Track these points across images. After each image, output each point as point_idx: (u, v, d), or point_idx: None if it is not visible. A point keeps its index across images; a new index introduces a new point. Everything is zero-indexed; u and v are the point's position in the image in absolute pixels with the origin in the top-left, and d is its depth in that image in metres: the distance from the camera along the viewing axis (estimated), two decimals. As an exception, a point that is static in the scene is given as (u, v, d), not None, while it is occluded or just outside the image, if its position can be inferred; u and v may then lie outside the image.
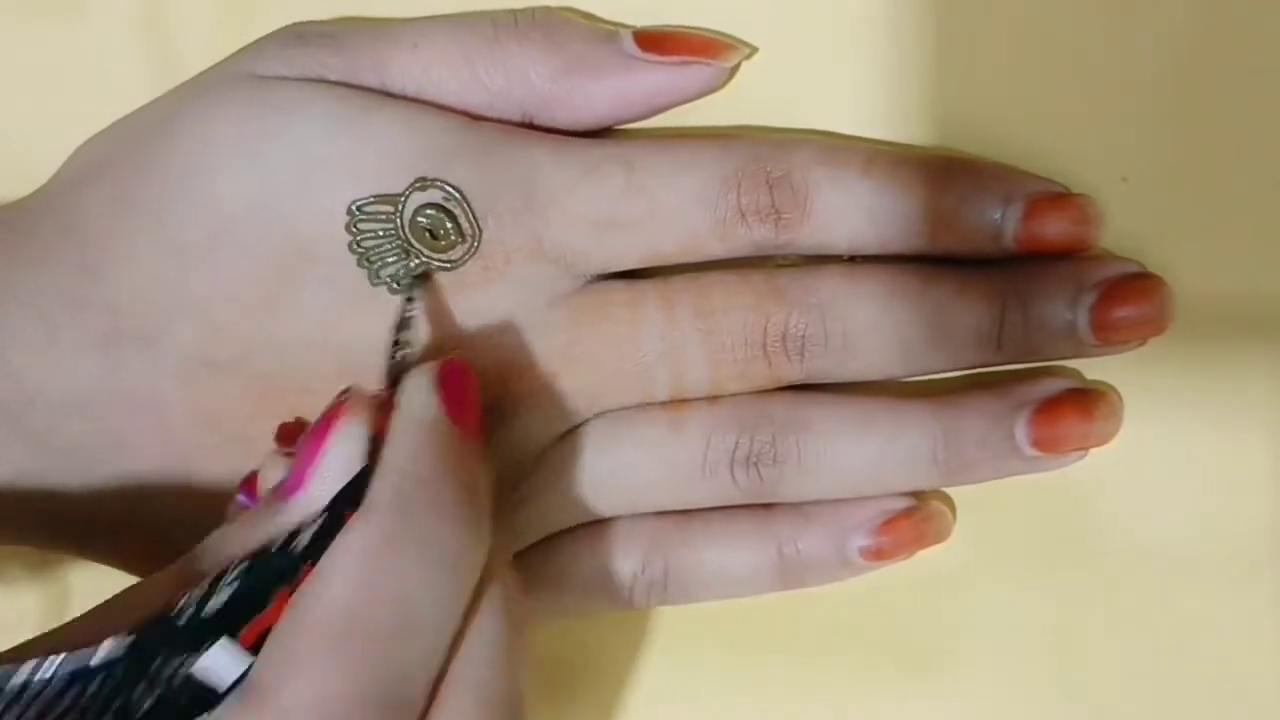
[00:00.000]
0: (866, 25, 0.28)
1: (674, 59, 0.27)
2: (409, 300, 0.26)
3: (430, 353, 0.27)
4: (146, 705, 0.21)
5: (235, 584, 0.22)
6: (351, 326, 0.27)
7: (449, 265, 0.27)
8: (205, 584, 0.22)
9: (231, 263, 0.27)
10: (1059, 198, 0.27)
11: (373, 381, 0.26)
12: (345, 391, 0.24)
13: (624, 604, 0.30)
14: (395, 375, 0.25)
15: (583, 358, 0.28)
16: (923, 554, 0.29)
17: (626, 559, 0.29)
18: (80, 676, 0.21)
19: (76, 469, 0.27)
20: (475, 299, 0.27)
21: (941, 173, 0.27)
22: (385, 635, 0.21)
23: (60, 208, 0.27)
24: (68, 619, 0.31)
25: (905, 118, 0.28)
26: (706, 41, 0.28)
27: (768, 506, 0.29)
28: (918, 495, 0.29)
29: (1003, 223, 0.27)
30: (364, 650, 0.21)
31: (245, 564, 0.22)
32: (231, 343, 0.27)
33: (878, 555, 0.29)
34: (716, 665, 0.32)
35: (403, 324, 0.26)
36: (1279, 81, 0.27)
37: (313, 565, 0.22)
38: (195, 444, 0.27)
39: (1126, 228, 0.28)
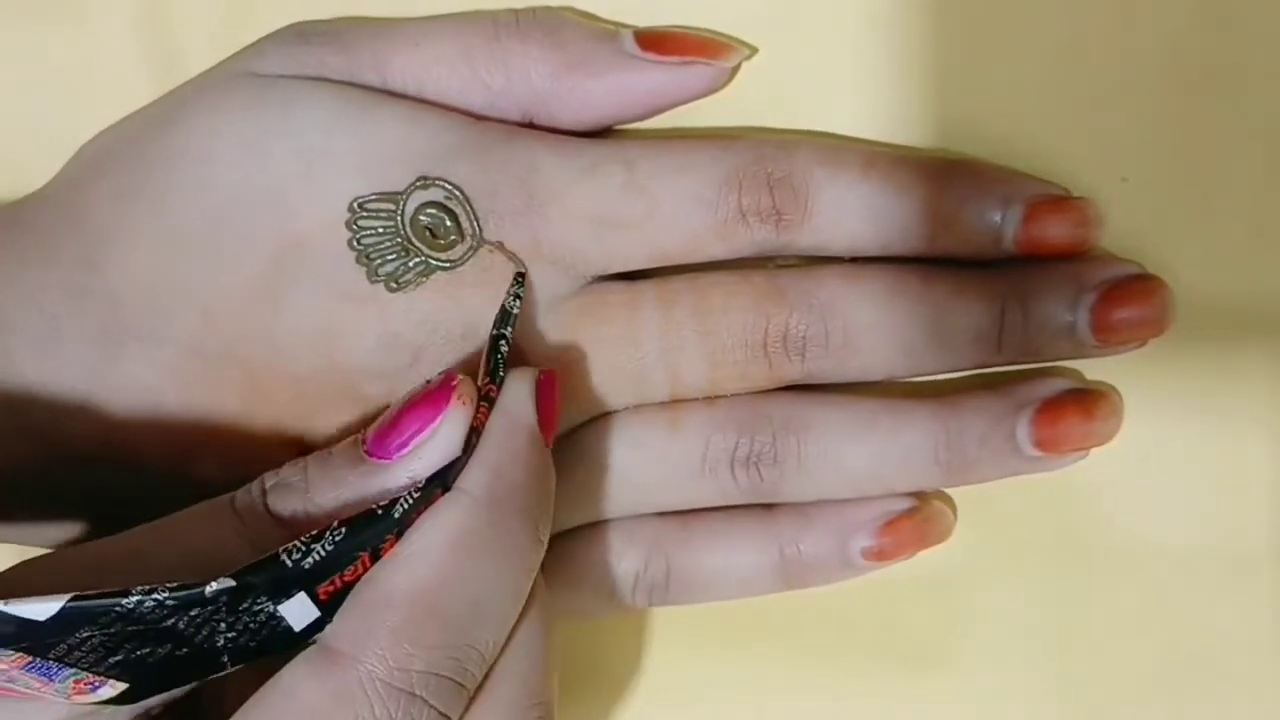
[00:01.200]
0: (867, 26, 0.28)
1: (675, 59, 0.27)
2: (515, 297, 0.27)
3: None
4: (228, 636, 0.23)
5: (334, 545, 0.23)
6: (346, 323, 0.27)
7: (448, 265, 0.27)
8: (309, 537, 0.23)
9: (230, 255, 0.27)
10: (1059, 200, 0.27)
11: (366, 387, 0.26)
12: (451, 372, 0.25)
13: (625, 605, 0.30)
14: (494, 370, 0.25)
15: (581, 359, 0.28)
16: (923, 554, 0.29)
17: (627, 560, 0.29)
18: (186, 603, 0.22)
19: (75, 463, 0.27)
20: (474, 299, 0.27)
21: (942, 174, 0.27)
22: (460, 621, 0.23)
23: (63, 203, 0.28)
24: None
25: (905, 118, 0.28)
26: (707, 41, 0.28)
27: (769, 507, 0.29)
28: (919, 495, 0.29)
29: (1003, 225, 0.27)
30: (440, 632, 0.23)
31: (343, 528, 0.23)
32: (227, 335, 0.27)
33: (879, 556, 0.29)
34: (716, 665, 0.32)
35: (505, 318, 0.26)
36: (1277, 81, 0.27)
37: (397, 536, 0.23)
38: (191, 437, 0.27)
39: (1126, 228, 0.28)
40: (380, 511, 0.23)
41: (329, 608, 0.23)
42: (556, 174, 0.27)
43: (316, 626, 0.23)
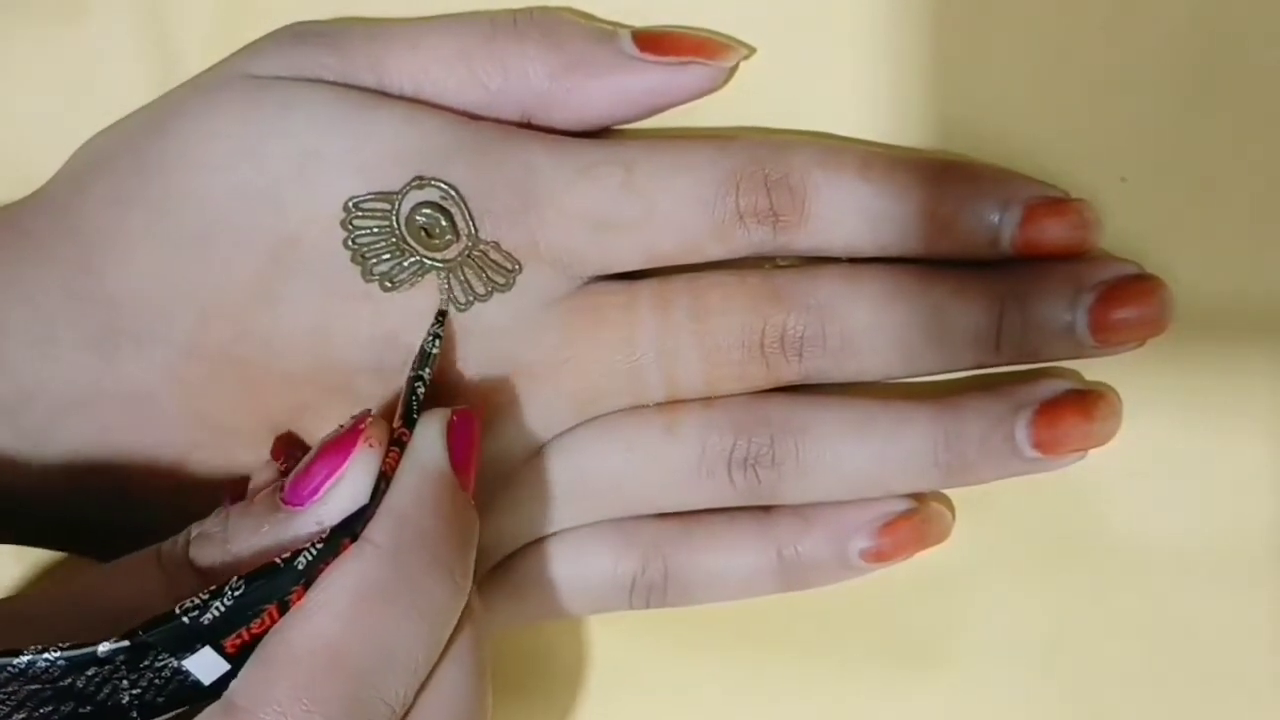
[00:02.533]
0: (865, 26, 0.28)
1: (672, 59, 0.27)
2: (434, 338, 0.27)
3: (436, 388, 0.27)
4: (132, 693, 0.22)
5: (230, 600, 0.22)
6: (339, 322, 0.27)
7: (442, 264, 0.27)
8: (207, 593, 0.22)
9: (226, 256, 0.27)
10: (1057, 203, 0.27)
11: (360, 384, 0.26)
12: (365, 414, 0.25)
13: (622, 606, 0.30)
14: (408, 412, 0.25)
15: (577, 359, 0.28)
16: (922, 554, 0.29)
17: (625, 563, 0.29)
18: (79, 664, 0.22)
19: (71, 466, 0.27)
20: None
21: (939, 177, 0.27)
22: (362, 676, 0.23)
23: (60, 206, 0.28)
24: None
25: (904, 119, 0.28)
26: (705, 42, 0.28)
27: (767, 509, 0.29)
28: (917, 496, 0.29)
29: (1000, 227, 0.27)
30: (340, 688, 0.22)
31: (244, 582, 0.23)
32: (223, 335, 0.27)
33: (878, 557, 0.29)
34: (716, 664, 0.32)
35: (423, 360, 0.26)
36: (1277, 81, 0.27)
37: (305, 587, 0.23)
38: (186, 439, 0.27)
39: (1125, 228, 0.28)
40: (281, 564, 0.23)
41: (238, 660, 0.23)
42: (554, 174, 0.27)
43: (227, 678, 0.23)
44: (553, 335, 0.27)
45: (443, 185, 0.27)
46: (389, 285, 0.27)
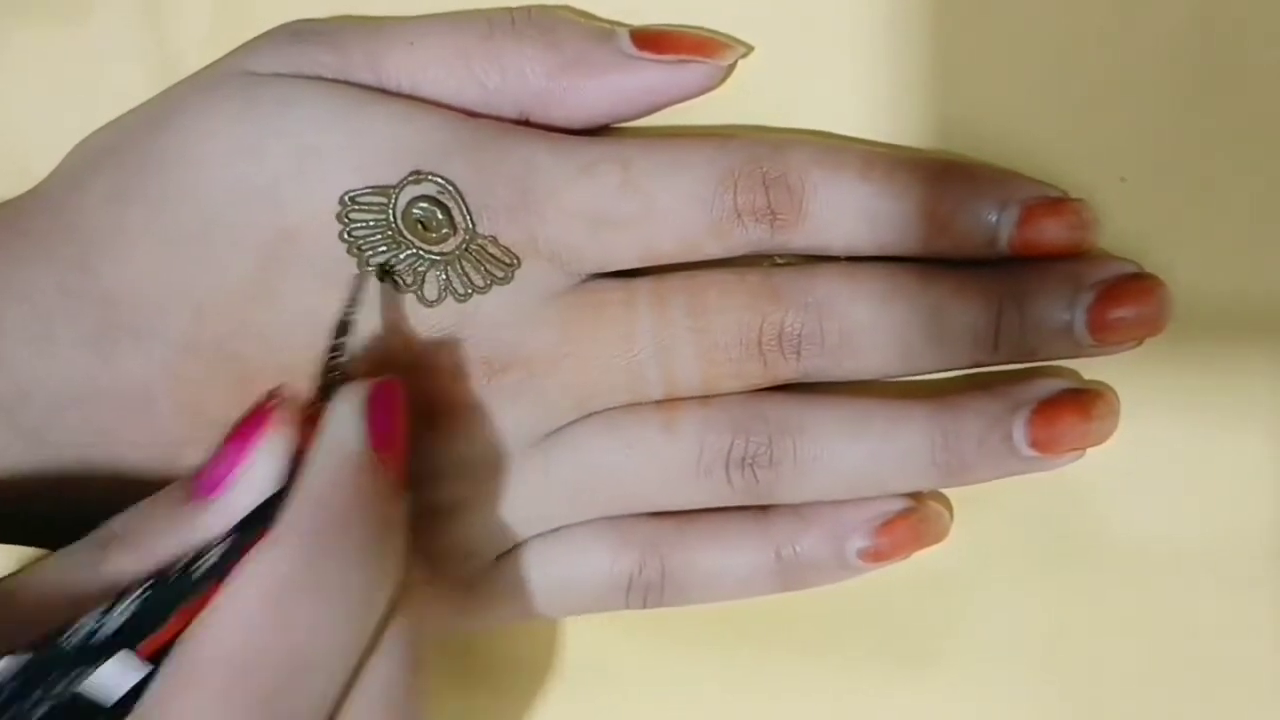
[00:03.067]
0: (863, 25, 0.28)
1: (670, 58, 0.27)
2: (350, 304, 0.26)
3: (372, 363, 0.27)
4: (38, 715, 0.21)
5: (135, 605, 0.21)
6: (334, 311, 0.27)
7: (439, 258, 0.27)
8: (104, 606, 0.21)
9: (224, 252, 0.27)
10: (1055, 203, 0.27)
11: (355, 372, 0.26)
12: (274, 392, 0.24)
13: (619, 606, 0.30)
14: (328, 385, 0.24)
15: (574, 356, 0.28)
16: (920, 553, 0.29)
17: (622, 561, 0.29)
18: None
19: (69, 463, 0.27)
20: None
21: (938, 176, 0.27)
22: (276, 682, 0.21)
23: (57, 203, 0.28)
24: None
25: (902, 118, 0.28)
26: (703, 40, 0.28)
27: (764, 508, 0.29)
28: (915, 496, 0.29)
29: (998, 227, 0.27)
30: (252, 698, 0.21)
31: (148, 587, 0.21)
32: (220, 330, 0.27)
33: (876, 556, 0.29)
34: (716, 663, 0.32)
35: (341, 328, 0.25)
36: (1277, 81, 0.27)
37: (218, 583, 0.22)
38: (182, 435, 0.27)
39: (1124, 227, 0.28)
40: (187, 565, 0.22)
41: (156, 664, 0.21)
42: (552, 171, 0.27)
43: (143, 685, 0.21)
44: (552, 330, 0.27)
45: (439, 180, 0.27)
46: (385, 276, 0.27)
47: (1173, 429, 0.28)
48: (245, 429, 0.23)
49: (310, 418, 0.23)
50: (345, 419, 0.23)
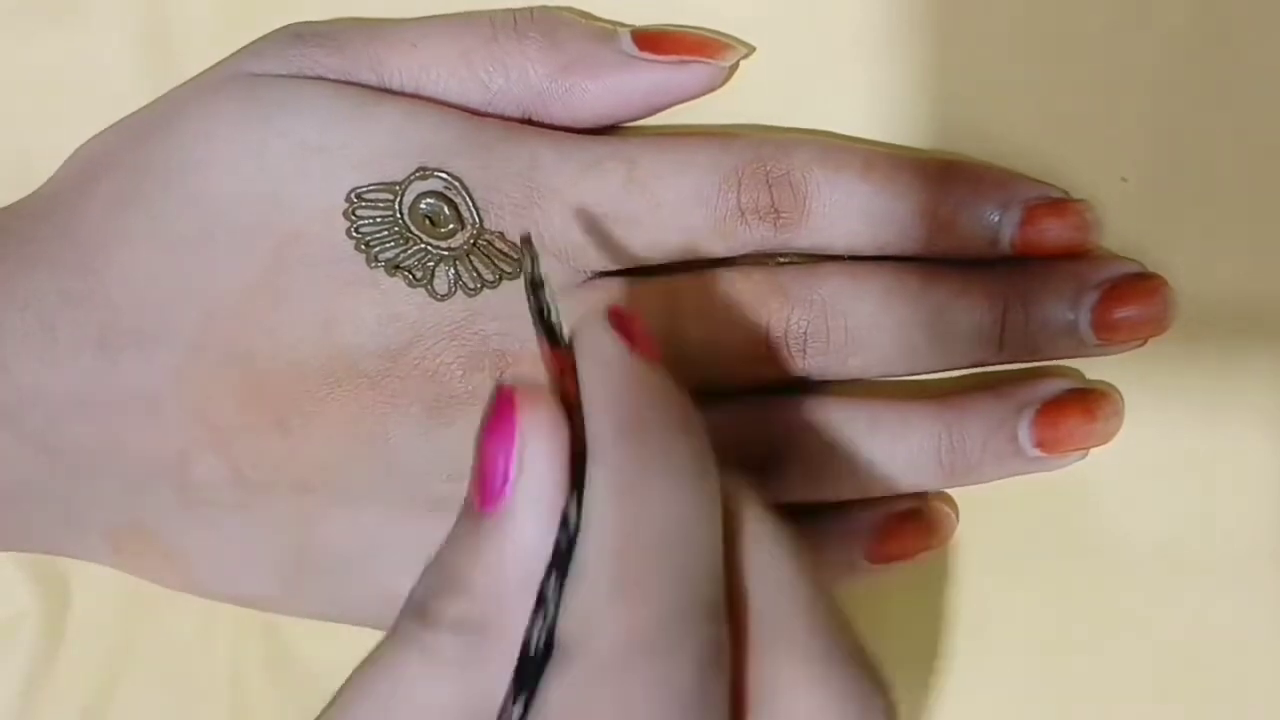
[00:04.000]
0: (865, 25, 0.28)
1: (672, 58, 0.28)
2: (533, 260, 0.24)
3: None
4: None
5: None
6: (345, 306, 0.27)
7: (448, 253, 0.27)
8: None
9: (229, 254, 0.27)
10: (1057, 203, 0.27)
11: (368, 365, 0.26)
12: (498, 387, 0.22)
13: None
14: (552, 330, 0.23)
15: None
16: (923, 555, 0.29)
17: None
18: None
19: (74, 468, 0.27)
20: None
21: (940, 176, 0.27)
22: (657, 558, 0.20)
23: (59, 209, 0.28)
24: (68, 618, 0.31)
25: (904, 118, 0.28)
26: (704, 41, 0.28)
27: None
28: (920, 497, 0.29)
29: (1000, 228, 0.27)
30: (645, 577, 0.20)
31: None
32: (227, 332, 0.27)
33: (884, 559, 0.29)
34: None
35: (536, 286, 0.23)
36: (1277, 81, 0.27)
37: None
38: (189, 438, 0.27)
39: (1125, 227, 0.28)
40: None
41: None
42: (557, 170, 0.27)
43: None
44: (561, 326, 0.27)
45: (446, 176, 0.27)
46: (394, 271, 0.27)
47: (1174, 429, 0.28)
48: (494, 416, 0.21)
49: (562, 367, 0.22)
50: (598, 336, 0.22)
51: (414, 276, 0.27)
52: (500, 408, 0.21)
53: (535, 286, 0.23)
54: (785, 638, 0.21)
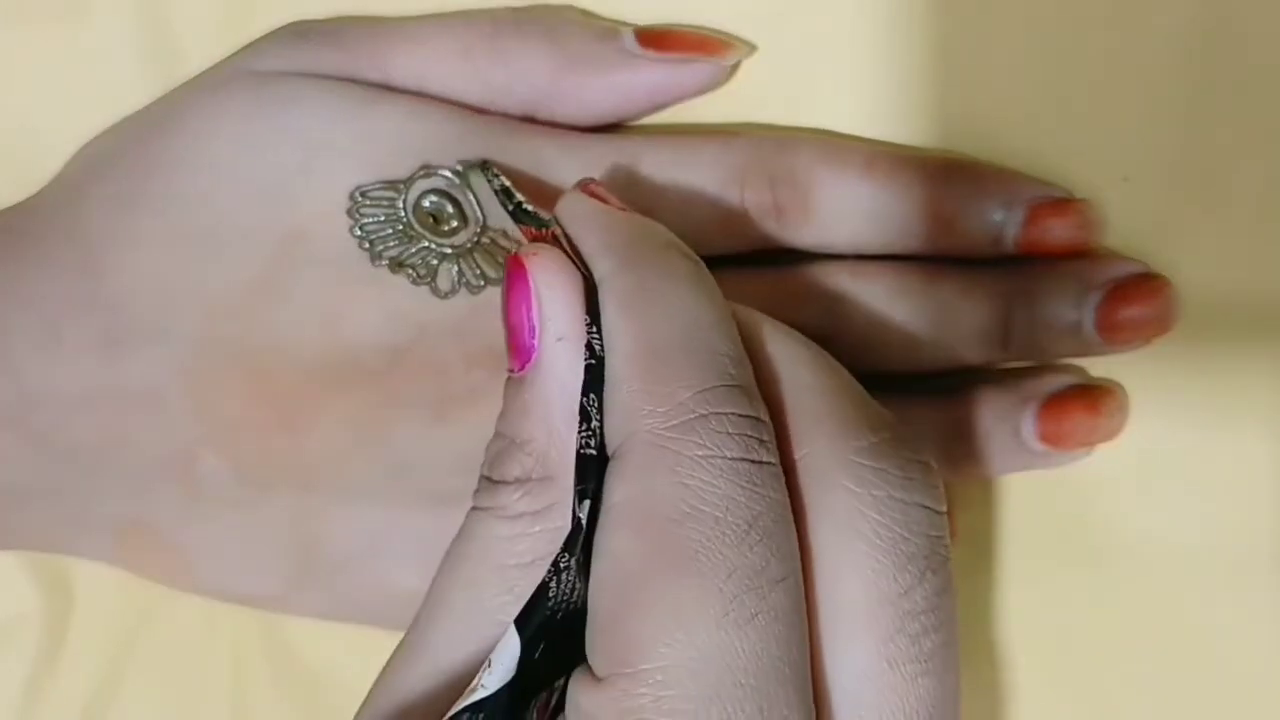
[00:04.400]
0: (868, 23, 0.28)
1: (674, 56, 0.28)
2: (494, 175, 0.26)
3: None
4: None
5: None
6: (350, 303, 0.27)
7: (452, 250, 0.27)
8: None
9: (232, 251, 0.27)
10: (1060, 203, 0.27)
11: (371, 362, 0.26)
12: (510, 256, 0.23)
13: None
14: (537, 220, 0.24)
15: None
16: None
17: None
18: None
19: (79, 467, 0.27)
20: None
21: (942, 175, 0.27)
22: (678, 347, 0.21)
23: (62, 209, 0.28)
24: (71, 619, 0.31)
25: (907, 116, 0.28)
26: (706, 39, 0.28)
27: None
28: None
29: (1003, 227, 0.27)
30: (670, 366, 0.21)
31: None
32: (231, 329, 0.27)
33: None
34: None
35: (506, 190, 0.25)
36: (1279, 81, 0.27)
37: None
38: (195, 435, 0.27)
39: (1128, 227, 0.28)
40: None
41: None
42: (559, 167, 0.27)
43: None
44: None
45: (449, 173, 0.27)
46: (397, 269, 0.27)
47: (1176, 429, 0.28)
48: (511, 280, 0.22)
49: (553, 241, 0.23)
50: (578, 203, 0.23)
51: (417, 274, 0.27)
52: (513, 271, 0.22)
53: (507, 194, 0.25)
54: (810, 411, 0.22)
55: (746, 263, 0.28)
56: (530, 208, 0.25)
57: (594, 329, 0.22)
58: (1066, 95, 0.28)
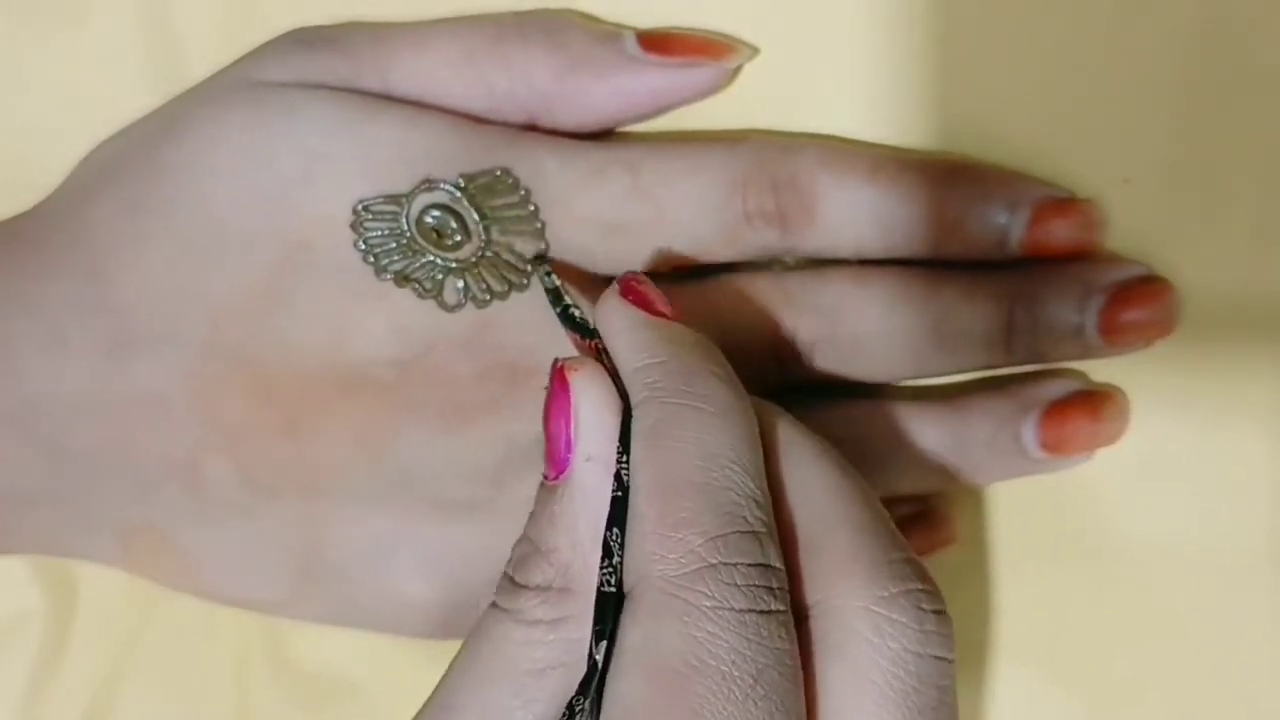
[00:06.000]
0: (870, 27, 0.28)
1: (677, 60, 0.27)
2: (547, 274, 0.26)
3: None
4: None
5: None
6: (355, 318, 0.27)
7: (456, 265, 0.27)
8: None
9: (237, 258, 0.27)
10: (1064, 203, 0.27)
11: (378, 372, 0.26)
12: (555, 362, 0.23)
13: None
14: (582, 329, 0.25)
15: None
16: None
17: None
18: None
19: (84, 470, 0.27)
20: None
21: (946, 178, 0.27)
22: (695, 491, 0.21)
23: (68, 215, 0.27)
24: (74, 618, 0.31)
25: (909, 120, 0.28)
26: (709, 42, 0.28)
27: None
28: (923, 497, 0.29)
29: (1008, 229, 0.27)
30: (686, 510, 0.21)
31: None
32: (236, 336, 0.27)
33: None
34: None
35: (557, 298, 0.26)
36: (1279, 81, 0.27)
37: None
38: (199, 441, 0.27)
39: (1129, 229, 0.28)
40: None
41: None
42: (561, 178, 0.27)
43: None
44: (561, 336, 0.27)
45: (451, 187, 0.27)
46: (403, 282, 0.27)
47: (1176, 429, 0.29)
48: (552, 395, 0.23)
49: (598, 353, 0.24)
50: (614, 311, 0.24)
51: (423, 288, 0.27)
52: (556, 382, 0.23)
53: (556, 296, 0.25)
54: (832, 551, 0.22)
55: (749, 268, 0.28)
56: (578, 314, 0.25)
57: (624, 459, 0.22)
58: (1069, 98, 0.28)
